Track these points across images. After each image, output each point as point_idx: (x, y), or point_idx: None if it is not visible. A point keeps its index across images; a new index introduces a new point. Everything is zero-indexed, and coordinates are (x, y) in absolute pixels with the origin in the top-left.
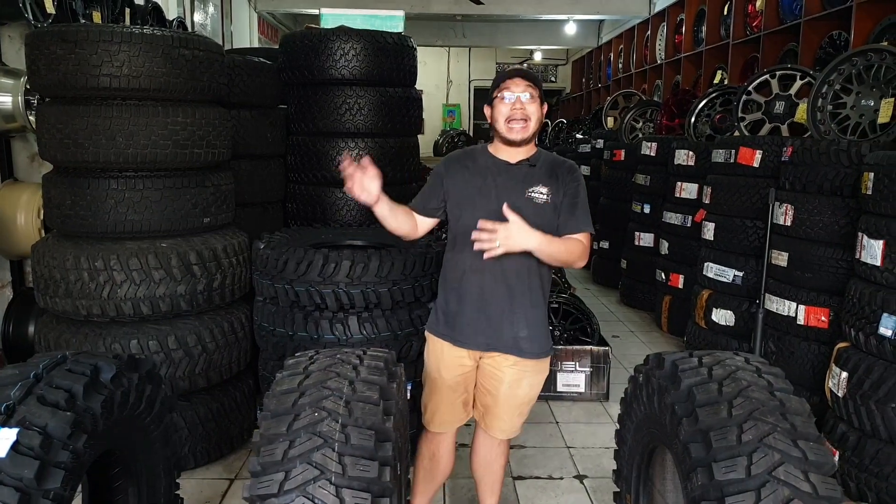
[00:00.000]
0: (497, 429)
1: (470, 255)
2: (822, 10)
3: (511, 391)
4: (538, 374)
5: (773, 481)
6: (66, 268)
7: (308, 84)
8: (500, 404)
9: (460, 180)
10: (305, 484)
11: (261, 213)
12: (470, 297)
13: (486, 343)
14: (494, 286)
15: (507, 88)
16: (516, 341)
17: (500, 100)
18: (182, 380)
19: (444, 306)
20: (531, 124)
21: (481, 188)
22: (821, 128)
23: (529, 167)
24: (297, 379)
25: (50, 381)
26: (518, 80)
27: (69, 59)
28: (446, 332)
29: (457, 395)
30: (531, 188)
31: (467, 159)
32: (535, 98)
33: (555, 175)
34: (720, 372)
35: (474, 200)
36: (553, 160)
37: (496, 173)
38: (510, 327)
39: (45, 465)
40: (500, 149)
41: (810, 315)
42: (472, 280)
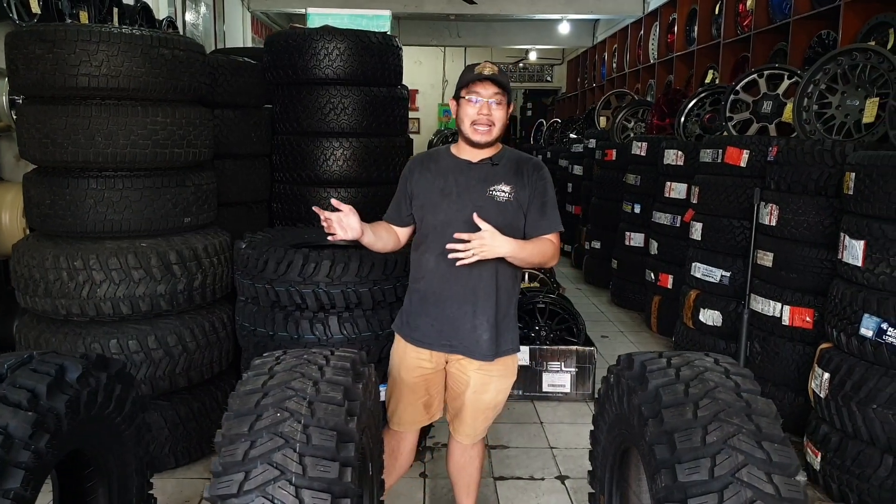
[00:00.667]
0: (462, 433)
1: (433, 257)
2: (810, 9)
3: (477, 396)
4: (505, 378)
5: (737, 483)
6: (45, 267)
7: (293, 84)
8: (465, 409)
9: (423, 182)
10: (265, 484)
11: (246, 212)
12: (432, 297)
13: (448, 345)
14: (457, 288)
15: (476, 92)
16: (479, 344)
17: (467, 101)
18: (162, 379)
19: (407, 306)
20: (496, 129)
21: (443, 189)
22: (806, 127)
23: (492, 166)
24: (262, 379)
25: (13, 381)
26: (488, 84)
27: (47, 59)
28: (407, 333)
29: (416, 396)
30: (493, 186)
31: (430, 161)
32: (503, 102)
33: (520, 173)
34: (688, 373)
35: (436, 201)
36: (518, 158)
37: (457, 173)
38: (472, 330)
39: (5, 465)
40: (463, 149)
41: (795, 315)
42: (435, 281)
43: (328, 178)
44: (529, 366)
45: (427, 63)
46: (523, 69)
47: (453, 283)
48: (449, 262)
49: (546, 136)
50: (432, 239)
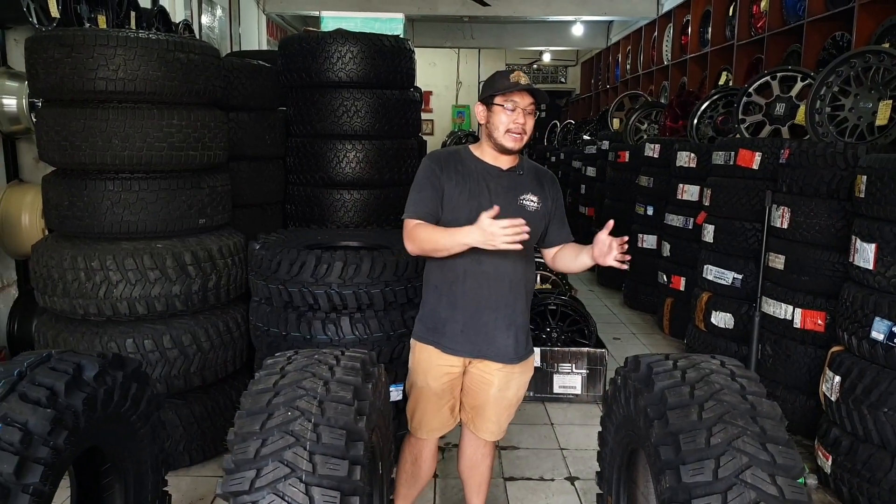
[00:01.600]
0: (486, 430)
1: (463, 263)
2: (824, 11)
3: (500, 394)
4: (524, 374)
5: (740, 484)
6: (63, 267)
7: (306, 86)
8: (489, 407)
9: (454, 183)
10: (276, 481)
11: (260, 214)
12: (463, 302)
13: (478, 350)
14: (490, 293)
15: (514, 101)
16: (507, 349)
17: (502, 108)
18: (177, 378)
19: (432, 312)
20: (526, 137)
21: (474, 193)
22: (819, 130)
23: (518, 175)
24: (273, 378)
25: (32, 379)
26: (526, 95)
27: (66, 63)
28: (435, 340)
29: (444, 401)
30: (522, 196)
31: (454, 161)
32: (533, 113)
33: (541, 184)
34: (693, 375)
35: (469, 205)
36: (535, 168)
37: (489, 178)
38: (503, 336)
39: (25, 461)
40: (489, 154)
41: (807, 318)
42: (467, 286)
43: (341, 179)
44: (541, 367)
45: (441, 65)
46: (537, 70)
47: (486, 289)
48: (483, 269)
49: (560, 138)
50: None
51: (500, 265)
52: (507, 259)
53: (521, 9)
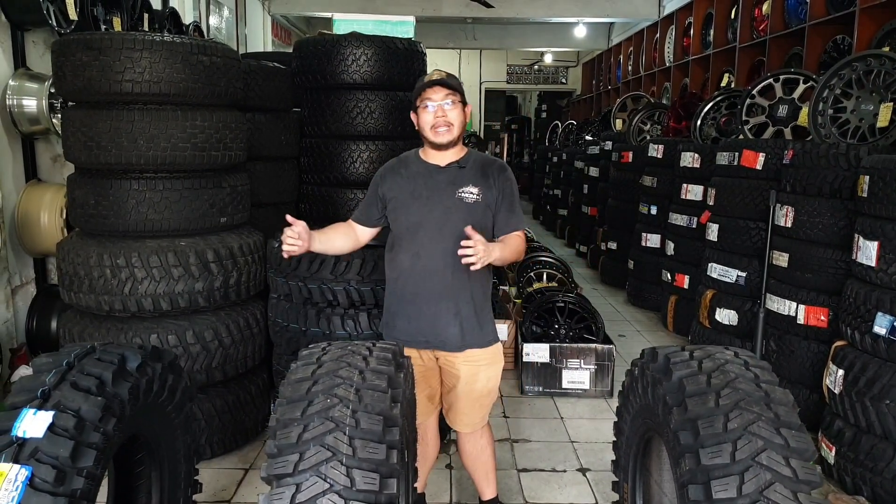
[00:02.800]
0: (461, 423)
1: (406, 257)
2: (826, 14)
3: (468, 387)
4: (493, 364)
5: (756, 466)
6: (89, 265)
7: (321, 88)
8: (459, 400)
9: (395, 186)
10: (318, 464)
11: (275, 213)
12: (407, 297)
13: (426, 342)
14: (431, 286)
15: (429, 98)
16: (452, 337)
17: (423, 108)
18: (199, 373)
19: (386, 307)
20: (455, 128)
21: (413, 192)
22: (821, 131)
23: (459, 168)
24: (311, 368)
25: (81, 369)
26: (437, 88)
27: (94, 66)
28: (389, 333)
29: (419, 390)
30: (461, 189)
31: (400, 166)
32: (457, 103)
33: (486, 174)
34: (709, 365)
35: (408, 204)
36: (483, 160)
37: (427, 177)
38: (448, 325)
39: (79, 446)
40: (430, 153)
41: (810, 315)
42: (409, 281)
43: (354, 179)
44: (549, 363)
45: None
46: (538, 71)
47: (427, 281)
48: (422, 262)
49: (561, 138)
50: (405, 240)
51: (439, 258)
52: (447, 252)
53: (524, 10)
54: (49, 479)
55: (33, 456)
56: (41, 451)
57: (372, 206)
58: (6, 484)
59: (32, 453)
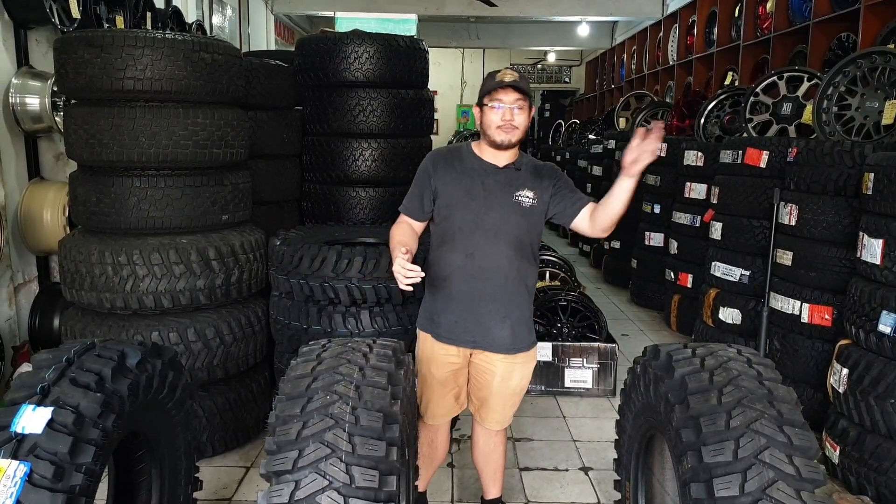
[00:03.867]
0: (492, 420)
1: (460, 256)
2: (830, 11)
3: (503, 384)
4: (527, 364)
5: (759, 464)
6: (91, 262)
7: (323, 86)
8: (493, 397)
9: (449, 180)
10: (318, 461)
11: (277, 211)
12: (458, 296)
13: (474, 342)
14: (484, 287)
15: (499, 99)
16: (503, 340)
17: (490, 108)
18: (201, 371)
19: (431, 304)
20: (519, 132)
21: (470, 189)
22: (826, 129)
23: (515, 171)
24: (311, 365)
25: (81, 365)
26: (510, 91)
27: (95, 63)
28: (434, 330)
29: (447, 389)
30: (518, 192)
31: (454, 159)
32: (524, 107)
33: (539, 177)
34: (712, 362)
35: (464, 201)
36: (535, 164)
37: (484, 175)
38: (498, 328)
39: (78, 442)
40: (486, 151)
41: (814, 313)
42: (462, 280)
43: (357, 177)
44: (552, 362)
45: (446, 65)
46: (541, 70)
47: (480, 282)
48: (476, 263)
49: (564, 137)
50: (458, 239)
51: (493, 260)
52: (501, 254)
53: (527, 9)
54: (48, 475)
55: (32, 452)
56: (40, 447)
57: (424, 197)
58: (5, 480)
59: (31, 449)
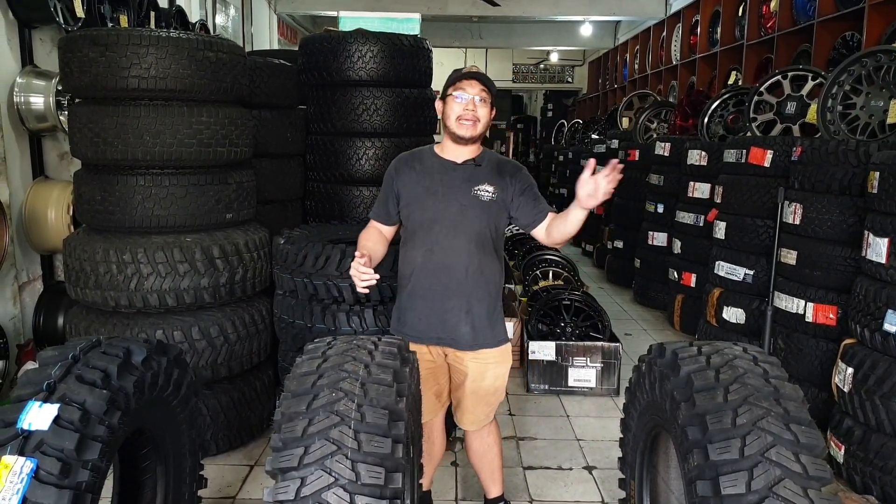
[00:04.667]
0: (466, 420)
1: (420, 253)
2: (835, 11)
3: (475, 384)
4: (501, 364)
5: (766, 462)
6: (95, 260)
7: (327, 85)
8: (466, 397)
9: (409, 181)
10: (323, 458)
11: (281, 209)
12: (420, 292)
13: (438, 338)
14: (444, 282)
15: (462, 89)
16: (465, 336)
17: (452, 98)
18: (205, 369)
19: (398, 303)
20: (480, 125)
21: (429, 187)
22: (830, 128)
23: (475, 166)
24: (316, 362)
25: (87, 362)
26: (474, 82)
27: (100, 62)
28: (399, 329)
29: (427, 387)
30: (477, 186)
31: (414, 161)
32: (487, 102)
33: (501, 174)
34: (718, 360)
35: (423, 199)
36: (498, 160)
37: (443, 173)
38: (460, 323)
39: (85, 438)
40: (447, 148)
41: (818, 312)
42: (422, 277)
43: (360, 176)
44: (555, 361)
45: (448, 64)
46: (544, 70)
47: (441, 277)
48: (436, 258)
49: (567, 137)
50: (419, 236)
51: (453, 255)
52: (461, 249)
53: (530, 9)
54: (54, 471)
55: (38, 448)
56: (46, 444)
57: (389, 202)
58: (11, 476)
59: (38, 446)
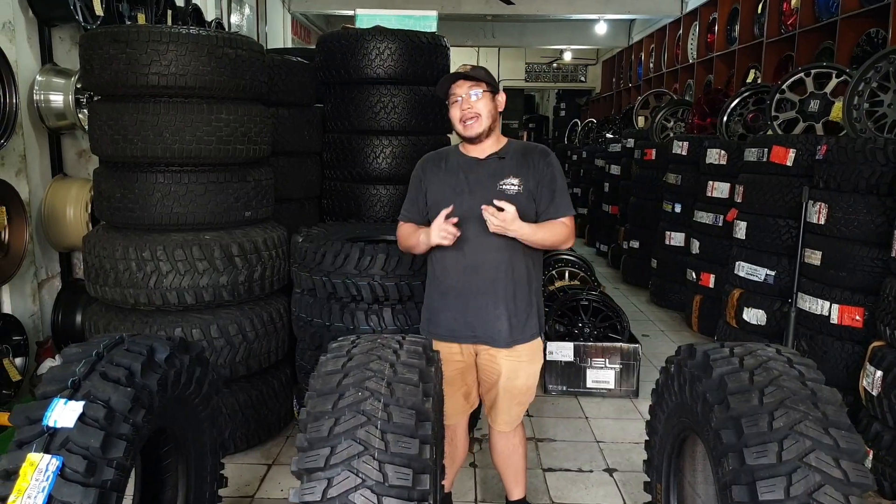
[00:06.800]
0: (500, 421)
1: (450, 252)
2: (859, 7)
3: (510, 383)
4: (532, 362)
5: (804, 467)
6: (115, 258)
7: (344, 83)
8: (500, 397)
9: (436, 180)
10: (350, 459)
11: (298, 208)
12: (452, 292)
13: (475, 336)
14: (476, 280)
15: (454, 93)
16: (501, 333)
17: (452, 104)
18: (223, 367)
19: (429, 304)
20: (482, 119)
21: (455, 186)
22: (857, 126)
23: (499, 160)
24: (341, 361)
25: (111, 360)
26: (460, 82)
27: (120, 59)
28: (433, 330)
29: (454, 388)
30: (502, 181)
31: (440, 160)
32: (483, 93)
33: (527, 163)
34: (751, 362)
35: (449, 198)
36: (524, 148)
37: (467, 170)
38: (495, 320)
39: (110, 436)
40: (469, 147)
41: (844, 314)
42: (454, 276)
43: (377, 175)
44: (573, 362)
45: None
46: (557, 69)
47: (472, 275)
48: (467, 257)
49: (581, 136)
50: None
51: (485, 253)
52: (493, 246)
53: (544, 7)
54: (80, 469)
55: (64, 446)
56: (72, 441)
57: (418, 201)
58: (37, 474)
59: (63, 443)
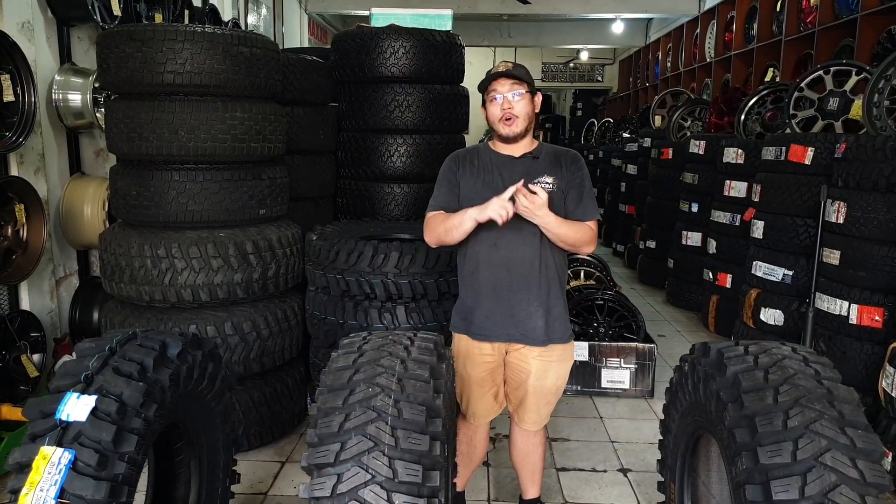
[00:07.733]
0: (528, 420)
1: (483, 249)
2: (879, 4)
3: (539, 382)
4: (563, 362)
5: (820, 467)
6: (130, 255)
7: (359, 82)
8: (529, 397)
9: (469, 176)
10: (360, 454)
11: (312, 206)
12: (485, 290)
13: (507, 334)
14: (508, 278)
15: (495, 90)
16: (536, 331)
17: (490, 101)
18: (237, 365)
19: (462, 302)
20: (520, 120)
21: (489, 183)
22: (877, 123)
23: (533, 159)
24: (352, 357)
25: (123, 355)
26: (502, 80)
27: (136, 57)
28: (468, 329)
29: (484, 389)
30: (537, 178)
31: (472, 157)
32: (523, 94)
33: (559, 164)
34: (766, 360)
35: (483, 195)
36: (555, 151)
37: (501, 167)
38: (530, 317)
39: (122, 431)
40: (501, 145)
41: (863, 314)
42: (487, 273)
43: (392, 173)
44: (588, 361)
45: (477, 64)
46: (574, 69)
47: (507, 272)
48: (501, 253)
49: (597, 136)
50: (482, 230)
51: (518, 248)
52: (525, 242)
53: (561, 6)
54: (92, 462)
55: (76, 440)
56: (84, 435)
57: (453, 193)
58: (49, 467)
59: (76, 437)
